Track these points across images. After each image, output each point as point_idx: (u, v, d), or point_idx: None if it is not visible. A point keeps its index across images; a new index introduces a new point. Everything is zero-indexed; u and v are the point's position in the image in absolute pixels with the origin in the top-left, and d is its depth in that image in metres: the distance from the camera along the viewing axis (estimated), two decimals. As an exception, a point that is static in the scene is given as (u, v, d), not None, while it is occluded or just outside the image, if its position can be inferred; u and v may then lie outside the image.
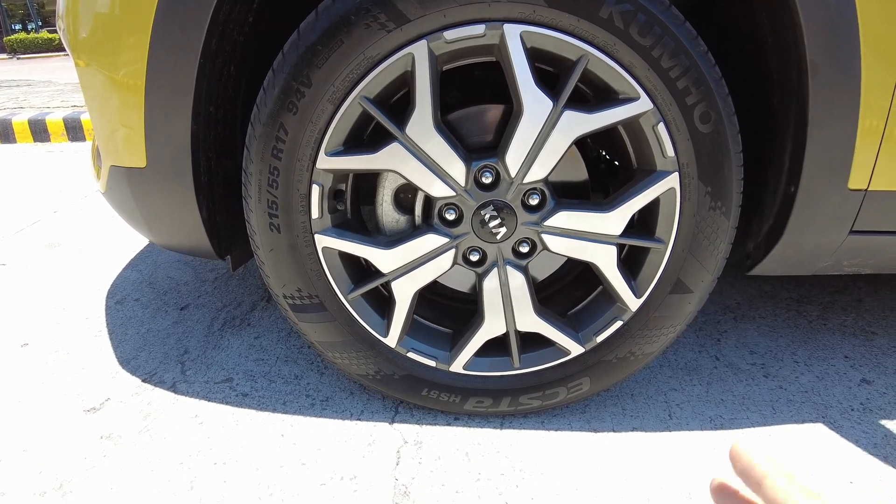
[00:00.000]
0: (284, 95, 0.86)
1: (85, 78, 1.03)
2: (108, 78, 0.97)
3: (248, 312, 1.54)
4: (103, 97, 1.00)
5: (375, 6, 0.81)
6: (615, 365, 1.05)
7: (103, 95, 1.00)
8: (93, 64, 0.99)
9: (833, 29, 0.86)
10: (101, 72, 0.98)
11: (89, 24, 0.97)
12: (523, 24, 0.82)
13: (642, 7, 0.82)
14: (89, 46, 0.98)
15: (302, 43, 0.84)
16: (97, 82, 1.00)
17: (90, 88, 1.02)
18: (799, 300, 1.63)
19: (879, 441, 1.09)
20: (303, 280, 0.99)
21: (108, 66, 0.96)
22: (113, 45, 0.94)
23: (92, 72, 1.00)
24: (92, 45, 0.98)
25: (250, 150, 0.91)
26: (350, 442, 1.07)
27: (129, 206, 1.09)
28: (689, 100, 0.86)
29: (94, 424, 1.13)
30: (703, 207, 0.93)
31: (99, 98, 1.01)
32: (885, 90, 0.90)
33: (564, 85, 0.85)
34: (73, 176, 3.06)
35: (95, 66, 0.98)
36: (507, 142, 0.89)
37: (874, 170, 0.96)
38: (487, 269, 0.99)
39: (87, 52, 0.99)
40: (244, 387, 1.23)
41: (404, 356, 1.05)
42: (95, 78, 1.00)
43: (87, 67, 1.00)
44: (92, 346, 1.41)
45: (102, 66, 0.97)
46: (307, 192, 0.92)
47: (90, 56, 0.99)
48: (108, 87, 0.98)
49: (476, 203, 0.93)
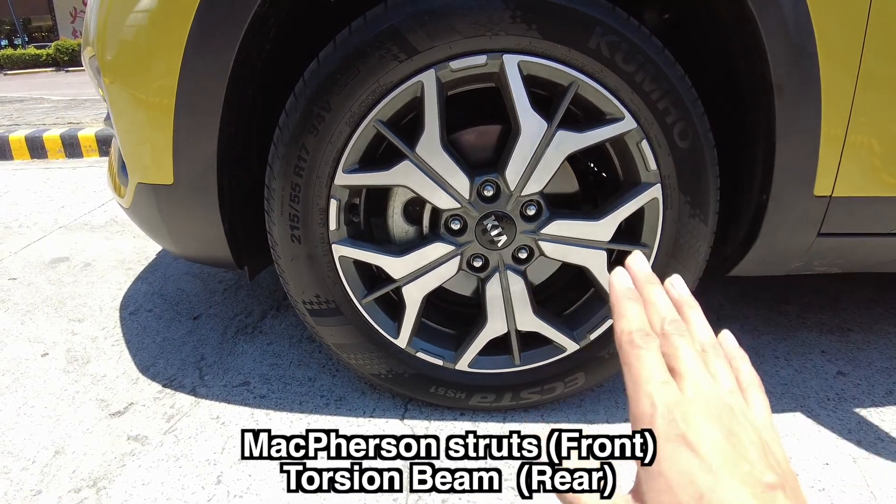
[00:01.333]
0: (306, 118, 0.95)
1: (115, 100, 1.11)
2: (139, 100, 1.05)
3: (259, 320, 1.62)
4: (133, 118, 1.08)
5: (389, 39, 0.90)
6: (608, 360, 1.15)
7: (133, 116, 1.08)
8: (124, 88, 1.07)
9: (794, 55, 0.96)
10: (132, 95, 1.06)
11: (122, 50, 1.05)
12: (521, 54, 0.92)
13: (626, 38, 0.92)
14: (121, 71, 1.06)
15: (322, 71, 0.93)
16: (127, 104, 1.08)
17: (120, 110, 1.10)
18: (779, 300, 1.74)
19: (853, 427, 1.19)
20: (321, 287, 1.07)
21: (139, 89, 1.04)
22: (145, 70, 1.02)
23: (122, 95, 1.08)
24: (123, 69, 1.06)
25: (273, 168, 0.99)
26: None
27: (155, 221, 1.17)
28: (668, 119, 0.96)
29: (121, 427, 1.20)
30: (684, 215, 1.03)
31: (128, 119, 1.09)
32: (842, 109, 1.00)
33: (557, 108, 0.94)
34: (73, 192, 3.12)
35: (126, 90, 1.07)
36: (506, 158, 0.98)
37: (837, 178, 1.06)
38: (490, 274, 1.08)
39: (118, 77, 1.07)
40: (261, 389, 1.31)
41: (414, 356, 1.14)
42: (126, 100, 1.08)
43: (118, 91, 1.08)
44: (111, 355, 1.48)
45: (133, 90, 1.05)
46: (325, 206, 1.00)
47: (121, 80, 1.07)
48: (138, 108, 1.06)
49: (479, 214, 1.03)
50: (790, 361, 1.42)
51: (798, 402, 1.27)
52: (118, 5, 1.03)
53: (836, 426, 1.19)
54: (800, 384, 1.33)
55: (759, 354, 1.45)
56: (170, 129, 1.04)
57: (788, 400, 1.27)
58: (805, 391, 1.30)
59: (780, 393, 1.30)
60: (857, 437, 1.15)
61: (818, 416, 1.22)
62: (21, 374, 1.40)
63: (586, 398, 1.26)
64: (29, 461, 1.12)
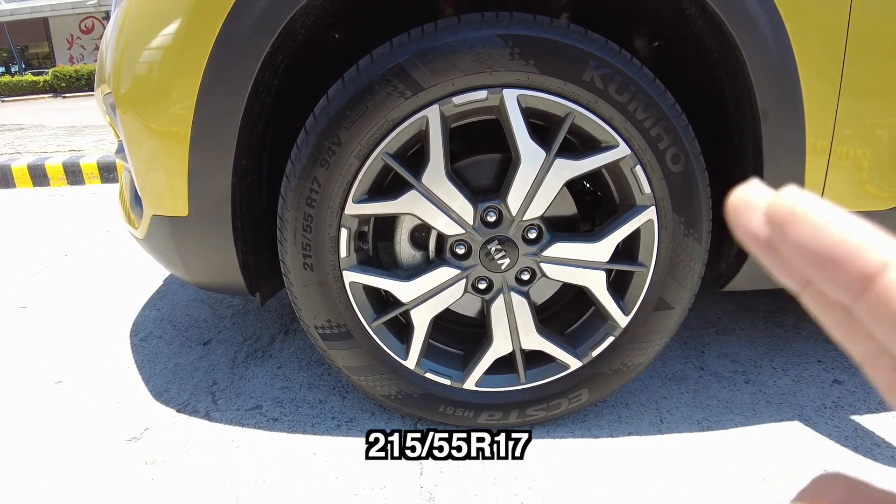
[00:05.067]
0: (317, 153, 1.00)
1: (130, 135, 1.15)
2: (155, 135, 1.10)
3: (268, 345, 1.65)
4: (149, 153, 1.13)
5: (395, 76, 0.96)
6: (610, 376, 1.19)
7: (149, 151, 1.13)
8: (140, 124, 1.12)
9: (778, 82, 1.02)
10: (149, 130, 1.11)
11: (138, 87, 1.10)
12: (519, 88, 0.97)
13: (619, 70, 0.98)
14: (137, 107, 1.11)
15: (332, 108, 0.98)
16: (143, 139, 1.13)
17: (136, 145, 1.15)
18: (775, 312, 1.78)
19: (850, 434, 1.22)
20: (332, 312, 1.12)
21: (156, 124, 1.09)
22: (161, 107, 1.07)
23: (139, 130, 1.13)
24: (140, 105, 1.10)
25: (286, 199, 1.04)
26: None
27: (169, 252, 1.21)
28: (661, 145, 1.02)
29: (138, 452, 1.24)
30: (679, 235, 1.08)
31: (144, 153, 1.14)
32: (825, 131, 1.05)
33: (555, 137, 1.00)
34: (78, 219, 3.17)
35: (143, 126, 1.11)
36: (507, 186, 1.03)
37: (823, 195, 1.11)
38: (494, 296, 1.12)
39: (135, 114, 1.12)
40: (273, 412, 1.34)
41: (422, 377, 1.18)
42: (142, 135, 1.13)
43: (135, 127, 1.13)
44: (123, 381, 1.51)
45: (150, 125, 1.10)
46: (336, 234, 1.05)
47: (138, 117, 1.12)
48: (154, 143, 1.11)
49: (483, 238, 1.07)
50: (787, 371, 1.46)
51: (796, 410, 1.30)
52: (134, 45, 1.08)
53: (833, 433, 1.23)
54: (797, 393, 1.37)
55: (757, 365, 1.49)
56: (185, 163, 1.08)
57: (786, 409, 1.31)
58: (802, 400, 1.34)
59: (778, 402, 1.33)
60: (853, 444, 1.19)
61: (815, 424, 1.26)
62: (36, 401, 1.43)
63: (590, 413, 1.29)
64: (49, 487, 1.14)
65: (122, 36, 1.11)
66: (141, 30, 1.08)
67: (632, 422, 1.27)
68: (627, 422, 1.27)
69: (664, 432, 1.24)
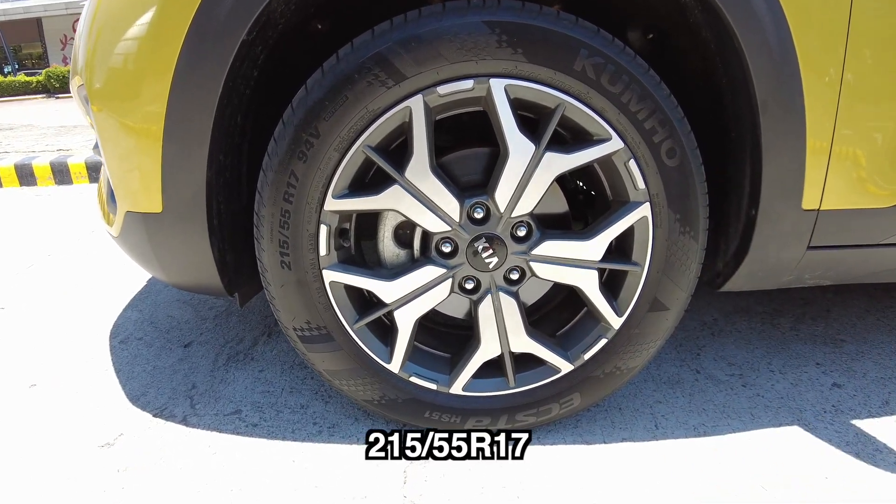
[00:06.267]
0: (295, 145, 0.95)
1: (103, 129, 1.10)
2: (127, 128, 1.05)
3: (250, 347, 1.60)
4: (121, 146, 1.07)
5: (376, 65, 0.91)
6: (603, 380, 1.14)
7: (121, 145, 1.07)
8: (112, 116, 1.07)
9: (778, 71, 0.97)
10: (120, 124, 1.06)
11: (110, 79, 1.05)
12: (507, 78, 0.92)
13: (611, 59, 0.93)
14: (109, 100, 1.06)
15: (310, 98, 0.93)
16: (115, 133, 1.07)
17: (108, 139, 1.10)
18: (772, 313, 1.74)
19: (851, 439, 1.18)
20: (311, 313, 1.06)
21: (128, 118, 1.04)
22: (133, 99, 1.02)
23: (111, 123, 1.07)
24: (112, 98, 1.05)
25: (263, 195, 0.99)
26: (359, 464, 1.13)
27: (144, 250, 1.16)
28: (655, 138, 0.97)
29: (111, 459, 1.18)
30: (674, 232, 1.03)
31: (116, 147, 1.09)
32: (827, 123, 1.01)
33: (545, 130, 0.95)
34: (63, 219, 3.11)
35: (114, 119, 1.06)
36: (495, 181, 0.98)
37: (824, 191, 1.07)
38: (482, 296, 1.07)
39: (106, 106, 1.07)
40: (253, 417, 1.29)
41: (407, 381, 1.13)
42: (114, 129, 1.07)
43: (106, 119, 1.08)
44: (100, 385, 1.46)
45: (122, 118, 1.05)
46: (315, 231, 1.00)
47: (109, 109, 1.06)
48: (126, 137, 1.06)
49: (469, 236, 1.03)
50: (785, 374, 1.42)
51: (795, 415, 1.26)
52: (106, 36, 1.04)
53: (834, 439, 1.19)
54: (796, 397, 1.33)
55: (755, 368, 1.44)
56: (158, 157, 1.03)
57: (785, 413, 1.27)
58: (801, 404, 1.30)
59: (776, 407, 1.29)
60: (855, 450, 1.15)
61: (816, 429, 1.22)
62: (7, 406, 1.38)
63: (582, 418, 1.25)
64: (11, 499, 1.09)
65: (94, 27, 1.07)
66: (112, 20, 1.03)
67: (626, 427, 1.22)
68: (621, 427, 1.22)
69: (659, 438, 1.19)
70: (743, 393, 1.34)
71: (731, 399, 1.32)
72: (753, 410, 1.28)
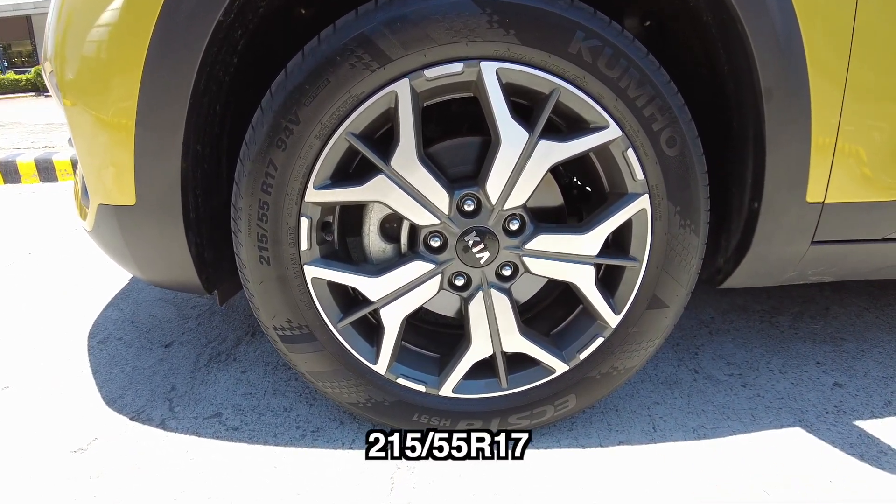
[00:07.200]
0: (273, 132, 0.89)
1: (73, 118, 1.05)
2: (98, 118, 1.00)
3: (233, 347, 1.54)
4: (92, 137, 1.02)
5: (359, 47, 0.86)
6: (599, 381, 1.09)
7: (92, 135, 1.02)
8: (81, 104, 1.01)
9: (783, 57, 0.93)
10: (91, 112, 1.00)
11: (79, 66, 0.99)
12: (499, 61, 0.87)
13: (608, 42, 0.88)
14: (79, 87, 1.00)
15: (290, 82, 0.88)
16: (86, 122, 1.02)
17: (78, 128, 1.04)
18: (770, 311, 1.70)
19: (855, 441, 1.14)
20: (292, 311, 1.01)
21: (98, 106, 0.99)
22: (103, 87, 0.97)
23: (81, 112, 1.02)
24: (81, 85, 1.00)
25: (240, 185, 0.94)
26: (344, 470, 1.08)
27: (118, 244, 1.10)
28: (655, 126, 0.92)
29: (82, 465, 1.12)
30: (674, 226, 0.98)
31: (87, 137, 1.03)
32: (832, 112, 0.97)
33: (539, 117, 0.90)
34: (46, 217, 3.03)
35: (84, 107, 1.01)
36: (486, 171, 0.93)
37: (829, 183, 1.03)
38: (472, 293, 1.02)
39: (76, 93, 1.01)
40: (234, 421, 1.23)
41: (394, 382, 1.08)
42: (84, 118, 1.02)
43: (76, 108, 1.02)
44: (76, 387, 1.39)
45: (92, 106, 0.99)
46: (296, 224, 0.95)
47: (79, 97, 1.01)
48: (97, 126, 1.00)
49: (459, 230, 0.97)
50: (785, 374, 1.38)
51: (796, 416, 1.22)
52: (76, 21, 0.98)
53: (837, 440, 1.14)
54: (797, 397, 1.28)
55: (754, 368, 1.40)
56: (130, 146, 0.98)
57: (787, 414, 1.22)
58: (803, 405, 1.26)
59: (777, 407, 1.25)
60: (859, 452, 1.11)
61: (818, 431, 1.17)
62: (-23, 410, 1.31)
63: (577, 420, 1.20)
64: (-21, 508, 1.03)
65: (63, 12, 1.01)
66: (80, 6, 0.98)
67: (623, 430, 1.18)
68: (618, 430, 1.18)
69: (657, 441, 1.15)
70: (743, 393, 1.30)
71: (731, 400, 1.28)
72: (754, 411, 1.24)
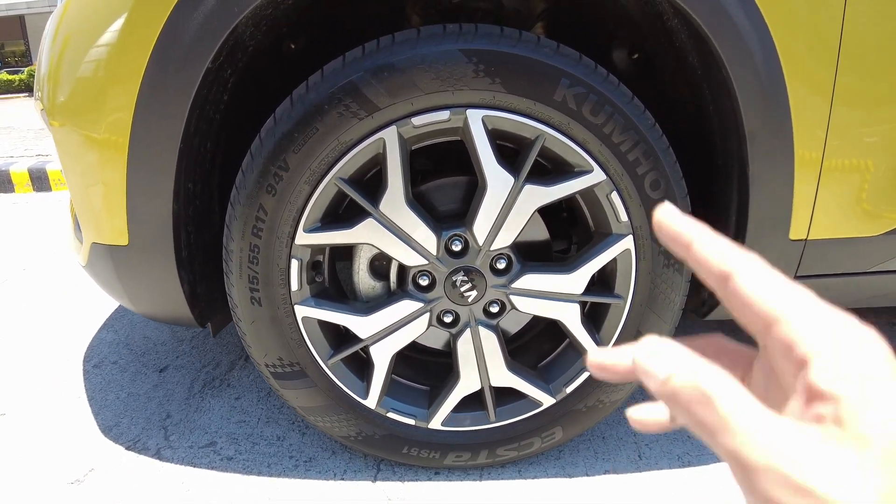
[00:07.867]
0: (263, 178, 0.91)
1: (66, 159, 1.06)
2: (90, 161, 1.01)
3: (227, 372, 1.56)
4: (84, 179, 1.03)
5: (347, 96, 0.87)
6: (585, 414, 1.11)
7: (84, 177, 1.03)
8: (74, 148, 1.02)
9: (766, 102, 0.94)
10: (83, 155, 1.01)
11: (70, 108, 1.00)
12: (484, 108, 0.89)
13: (593, 88, 0.90)
14: (70, 132, 1.02)
15: (279, 129, 0.89)
16: (78, 164, 1.03)
17: (71, 171, 1.06)
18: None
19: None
20: (284, 349, 1.03)
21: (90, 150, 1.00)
22: (95, 130, 0.98)
23: (73, 155, 1.03)
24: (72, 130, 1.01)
25: (231, 229, 0.95)
26: (335, 502, 1.09)
27: (111, 280, 1.11)
28: (639, 170, 0.94)
29: (81, 497, 1.13)
30: (658, 265, 1.00)
31: (80, 179, 1.04)
32: (815, 152, 0.99)
33: (524, 161, 0.92)
34: (40, 230, 3.03)
35: (77, 151, 1.02)
36: (473, 213, 0.95)
37: (812, 221, 1.05)
38: (461, 330, 1.04)
39: (68, 138, 1.02)
40: (228, 450, 1.25)
41: (384, 416, 1.09)
42: (77, 161, 1.03)
43: (69, 151, 1.04)
44: (72, 414, 1.41)
45: (84, 150, 1.01)
46: (286, 266, 0.96)
47: (71, 141, 1.02)
48: (89, 168, 1.02)
49: (447, 269, 0.99)
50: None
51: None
52: (66, 62, 0.99)
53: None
54: (783, 423, 1.30)
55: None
56: (123, 189, 0.99)
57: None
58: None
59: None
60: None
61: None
62: (-27, 439, 1.33)
63: (565, 450, 1.22)
64: (-25, 543, 1.04)
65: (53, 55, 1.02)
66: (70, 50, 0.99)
67: (609, 458, 1.20)
68: (604, 458, 1.20)
69: (643, 469, 1.17)
70: (729, 419, 1.32)
71: (718, 426, 1.29)
72: (740, 438, 1.25)
